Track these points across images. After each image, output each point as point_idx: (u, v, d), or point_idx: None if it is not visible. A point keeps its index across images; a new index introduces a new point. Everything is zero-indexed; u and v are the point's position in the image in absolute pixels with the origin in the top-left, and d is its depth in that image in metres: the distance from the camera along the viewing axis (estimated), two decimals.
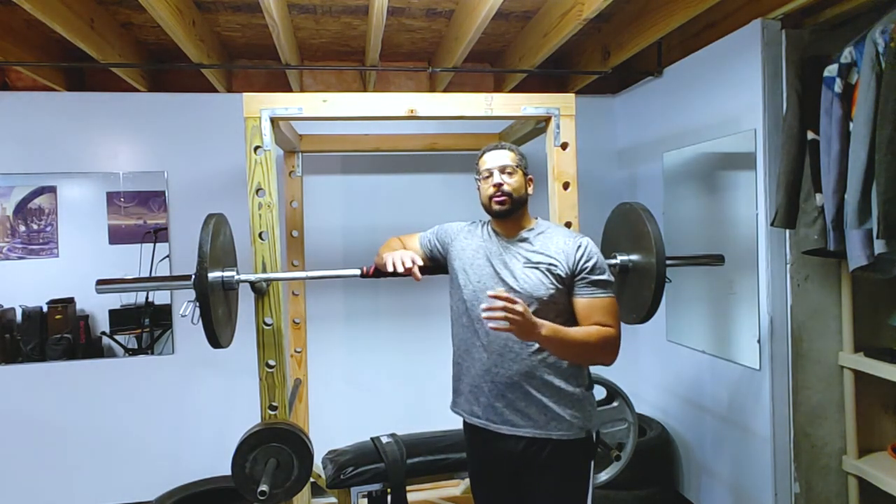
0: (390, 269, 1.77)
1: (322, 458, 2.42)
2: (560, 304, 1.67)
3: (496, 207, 1.72)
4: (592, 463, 1.75)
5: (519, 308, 1.44)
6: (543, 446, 1.66)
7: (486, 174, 1.74)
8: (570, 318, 1.69)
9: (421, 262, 1.81)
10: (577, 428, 1.67)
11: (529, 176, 1.78)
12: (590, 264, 1.66)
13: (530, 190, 1.78)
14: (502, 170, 1.72)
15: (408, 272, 1.77)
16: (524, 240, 1.74)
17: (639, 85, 3.24)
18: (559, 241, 1.71)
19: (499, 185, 1.70)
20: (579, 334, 1.59)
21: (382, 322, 3.31)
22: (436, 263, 1.96)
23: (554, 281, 1.65)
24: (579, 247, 1.68)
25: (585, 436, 1.69)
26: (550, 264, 1.66)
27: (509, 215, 1.73)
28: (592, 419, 1.73)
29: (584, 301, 1.66)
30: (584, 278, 1.66)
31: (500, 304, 1.44)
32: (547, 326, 1.51)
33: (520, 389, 1.66)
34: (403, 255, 1.79)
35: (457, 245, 1.84)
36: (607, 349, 1.63)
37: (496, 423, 1.69)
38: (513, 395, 1.67)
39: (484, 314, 1.46)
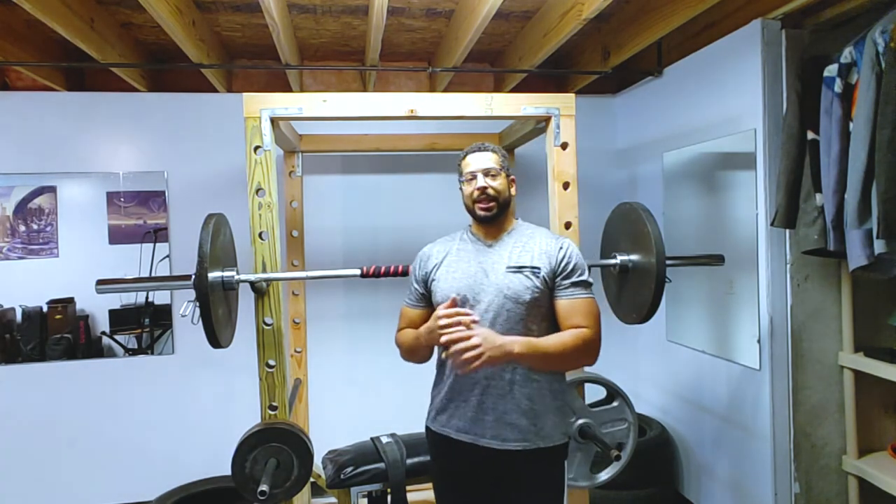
0: (448, 350, 1.53)
1: (322, 458, 2.41)
2: (544, 307, 1.66)
3: (481, 213, 1.70)
4: (566, 462, 1.75)
5: (477, 341, 1.47)
6: (528, 457, 1.64)
7: (470, 177, 1.72)
8: (556, 321, 1.68)
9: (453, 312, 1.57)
10: (559, 434, 1.68)
11: (512, 177, 1.77)
12: (571, 265, 1.66)
13: (513, 191, 1.77)
14: (486, 173, 1.70)
15: (470, 323, 1.53)
16: (505, 242, 1.73)
17: (639, 85, 3.24)
18: (541, 242, 1.70)
19: (483, 189, 1.68)
20: (555, 344, 1.58)
21: (382, 322, 3.30)
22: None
23: (538, 284, 1.64)
24: (561, 248, 1.68)
25: (567, 440, 1.72)
26: (534, 267, 1.66)
27: (494, 220, 1.72)
28: (570, 425, 1.73)
29: (565, 302, 1.65)
30: (565, 279, 1.66)
31: (462, 340, 1.47)
32: (519, 343, 1.53)
33: (509, 395, 1.63)
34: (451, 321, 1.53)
35: (431, 262, 1.77)
36: (586, 352, 1.62)
37: (485, 438, 1.65)
38: (504, 405, 1.63)
39: (457, 364, 1.48)
